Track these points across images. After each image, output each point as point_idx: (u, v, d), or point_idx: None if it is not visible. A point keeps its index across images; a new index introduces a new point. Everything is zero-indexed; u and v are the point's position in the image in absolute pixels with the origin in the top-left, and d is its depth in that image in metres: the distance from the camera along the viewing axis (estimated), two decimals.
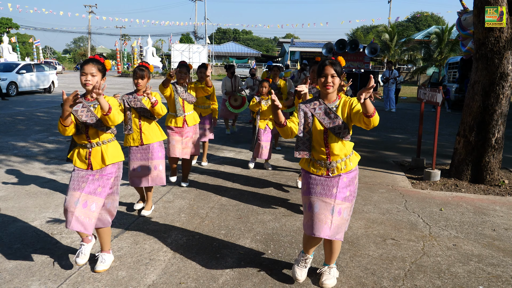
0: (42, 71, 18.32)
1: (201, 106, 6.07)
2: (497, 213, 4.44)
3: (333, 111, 2.68)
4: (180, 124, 4.82)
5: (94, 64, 2.86)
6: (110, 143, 3.02)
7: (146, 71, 3.94)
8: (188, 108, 4.87)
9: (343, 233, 2.73)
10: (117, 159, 3.03)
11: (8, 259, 3.15)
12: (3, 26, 54.28)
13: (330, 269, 2.89)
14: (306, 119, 2.73)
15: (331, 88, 2.65)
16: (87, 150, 2.96)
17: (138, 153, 4.04)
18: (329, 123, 2.67)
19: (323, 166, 2.73)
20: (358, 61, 15.26)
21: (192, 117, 4.93)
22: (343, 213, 2.69)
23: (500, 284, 2.97)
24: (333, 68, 2.62)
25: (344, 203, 2.70)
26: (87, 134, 2.93)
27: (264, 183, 5.40)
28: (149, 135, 4.01)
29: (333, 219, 2.65)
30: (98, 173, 2.95)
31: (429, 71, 29.31)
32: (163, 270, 3.04)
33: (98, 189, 2.91)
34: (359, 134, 9.20)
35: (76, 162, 2.98)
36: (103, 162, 2.95)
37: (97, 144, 2.96)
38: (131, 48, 43.70)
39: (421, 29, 54.49)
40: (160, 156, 4.09)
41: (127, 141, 4.06)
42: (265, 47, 77.38)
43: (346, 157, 2.75)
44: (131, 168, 4.06)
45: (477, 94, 5.46)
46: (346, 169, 2.74)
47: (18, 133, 8.51)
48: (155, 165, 4.05)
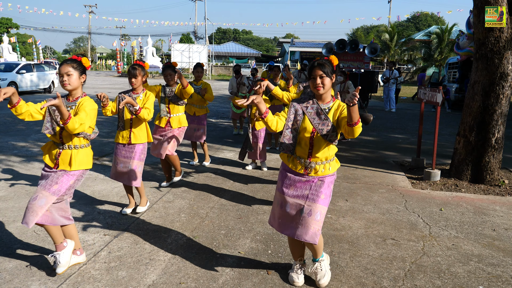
0: (42, 71, 18.34)
1: (196, 105, 6.04)
2: (497, 213, 4.44)
3: (324, 113, 2.68)
4: (162, 125, 4.88)
5: (68, 63, 2.89)
6: (82, 149, 3.01)
7: (139, 69, 3.97)
8: (175, 110, 4.90)
9: (316, 235, 2.67)
10: (83, 166, 3.02)
11: (8, 259, 3.15)
12: (3, 26, 54.27)
13: (320, 264, 2.89)
14: (296, 116, 2.73)
15: (321, 89, 2.66)
16: (58, 150, 2.96)
17: (123, 151, 4.09)
18: (319, 123, 2.67)
19: (302, 164, 2.74)
20: (358, 61, 15.23)
21: (177, 119, 4.93)
22: (314, 214, 2.67)
23: (500, 284, 2.97)
24: (321, 69, 2.61)
25: (316, 205, 2.68)
26: (61, 135, 2.93)
27: (264, 183, 5.40)
28: (138, 135, 4.05)
29: (301, 219, 2.67)
30: (61, 171, 2.96)
31: (429, 71, 29.31)
32: (163, 270, 3.04)
33: (54, 186, 2.89)
34: (359, 134, 9.19)
35: (46, 157, 2.99)
36: (70, 165, 2.95)
37: (68, 147, 2.96)
38: (131, 48, 43.77)
39: (421, 29, 54.50)
40: (141, 158, 4.13)
41: (117, 137, 4.10)
42: (265, 47, 77.35)
43: (326, 161, 2.74)
44: (115, 163, 4.12)
45: (477, 94, 5.46)
46: (324, 173, 2.73)
47: (18, 133, 8.51)
48: (135, 165, 4.07)
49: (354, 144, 8.20)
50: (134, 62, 4.09)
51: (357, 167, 6.36)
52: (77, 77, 2.92)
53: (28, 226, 2.78)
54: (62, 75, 2.87)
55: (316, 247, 2.82)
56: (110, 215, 4.13)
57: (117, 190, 4.88)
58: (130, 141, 4.03)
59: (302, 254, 2.97)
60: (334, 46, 14.48)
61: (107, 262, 3.14)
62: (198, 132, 6.06)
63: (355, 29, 63.80)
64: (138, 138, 4.05)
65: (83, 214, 4.12)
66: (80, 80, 2.96)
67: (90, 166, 3.09)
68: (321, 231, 2.74)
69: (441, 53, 27.06)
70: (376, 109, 15.22)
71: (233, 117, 9.12)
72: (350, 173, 5.96)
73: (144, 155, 4.17)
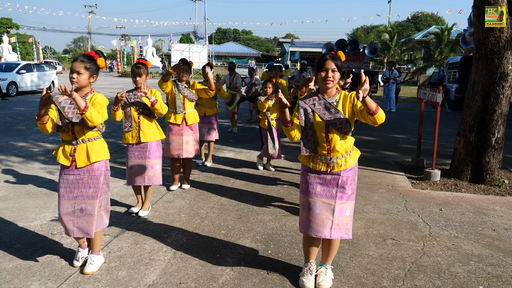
0: (42, 71, 18.34)
1: (206, 105, 6.05)
2: (497, 213, 4.44)
3: (333, 106, 2.64)
4: (179, 121, 4.79)
5: (82, 62, 2.84)
6: (96, 140, 2.98)
7: (143, 68, 3.93)
8: (188, 105, 4.85)
9: (349, 230, 2.72)
10: (102, 157, 2.98)
11: (8, 259, 3.15)
12: (3, 26, 54.29)
13: (326, 270, 2.89)
14: (307, 115, 2.68)
15: (331, 83, 2.61)
16: (72, 147, 2.92)
17: (136, 151, 4.03)
18: (330, 117, 2.62)
19: (323, 161, 2.70)
20: (358, 61, 15.26)
21: (192, 115, 4.89)
22: (345, 212, 2.69)
23: (500, 284, 2.97)
24: (334, 62, 2.58)
25: (345, 202, 2.70)
26: (73, 130, 2.89)
27: (264, 183, 5.40)
28: (147, 133, 4.00)
29: (333, 219, 2.66)
30: (86, 174, 2.92)
31: (429, 71, 29.31)
32: (163, 270, 3.04)
33: (90, 191, 2.90)
34: (359, 134, 9.20)
35: (60, 158, 2.93)
36: (88, 159, 2.91)
37: (82, 141, 2.92)
38: (131, 48, 43.76)
39: (421, 29, 54.49)
40: (157, 155, 4.09)
41: (126, 138, 4.05)
42: (265, 47, 77.32)
43: (346, 153, 2.71)
44: (129, 166, 4.07)
45: (477, 94, 5.46)
46: (346, 165, 2.70)
47: (18, 133, 8.52)
48: (152, 164, 4.04)
49: (354, 144, 8.18)
50: (135, 61, 4.07)
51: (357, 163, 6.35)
52: (86, 77, 2.87)
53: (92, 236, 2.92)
54: (73, 72, 2.82)
55: (332, 251, 2.83)
56: (110, 215, 4.11)
57: (117, 190, 4.88)
58: (140, 140, 3.97)
59: (315, 256, 2.94)
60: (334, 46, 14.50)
61: (107, 262, 3.14)
62: (210, 131, 6.10)
63: (355, 29, 63.84)
64: (148, 136, 3.99)
65: None
66: (90, 80, 2.91)
67: (108, 156, 3.06)
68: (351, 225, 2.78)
69: (441, 53, 27.06)
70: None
71: (226, 114, 9.25)
72: None
73: (160, 152, 4.12)
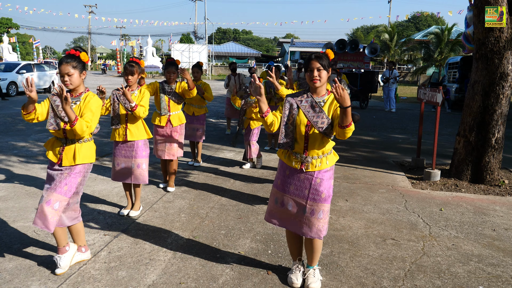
0: (42, 71, 18.34)
1: (195, 105, 6.02)
2: (497, 213, 4.44)
3: (319, 105, 2.66)
4: (163, 123, 4.80)
5: (68, 63, 2.87)
6: (86, 142, 3.02)
7: (136, 67, 3.96)
8: (174, 107, 4.85)
9: (320, 232, 2.70)
10: (87, 160, 3.02)
11: (8, 259, 3.15)
12: (3, 26, 54.26)
13: (314, 271, 2.89)
14: (291, 110, 2.72)
15: (318, 82, 2.64)
16: (62, 146, 2.96)
17: (123, 150, 4.04)
18: (313, 116, 2.65)
19: (298, 159, 2.72)
20: (358, 61, 15.24)
21: (177, 117, 4.88)
22: (317, 214, 2.68)
23: (500, 284, 2.97)
24: (319, 62, 2.61)
25: (317, 204, 2.69)
26: (64, 130, 2.93)
27: (264, 182, 5.40)
28: (134, 132, 4.01)
29: (304, 219, 2.70)
30: (67, 170, 2.95)
31: (429, 71, 29.31)
32: (163, 270, 3.04)
33: (65, 187, 2.91)
34: (359, 134, 9.20)
35: (49, 154, 2.99)
36: (74, 160, 2.95)
37: (72, 141, 2.96)
38: (131, 48, 43.74)
39: (421, 29, 54.50)
40: (144, 154, 4.09)
41: (113, 135, 4.07)
42: (265, 47, 77.34)
43: (323, 155, 2.71)
44: (115, 163, 4.08)
45: (477, 94, 5.46)
46: (321, 167, 2.70)
47: (18, 133, 8.52)
48: (139, 163, 4.04)
49: (354, 144, 8.20)
50: (129, 59, 4.09)
51: (357, 167, 6.36)
52: (78, 75, 2.93)
53: (51, 230, 2.82)
54: (63, 75, 2.87)
55: (315, 252, 2.83)
56: (110, 215, 4.13)
57: (117, 190, 4.88)
58: (126, 138, 3.99)
59: (301, 253, 2.97)
60: (334, 46, 14.48)
61: (107, 262, 3.14)
62: (198, 132, 6.05)
63: (355, 29, 63.92)
64: (134, 135, 4.00)
65: (83, 214, 4.11)
66: (81, 77, 2.96)
67: (94, 160, 3.09)
68: (326, 227, 2.75)
69: (441, 53, 27.06)
70: (376, 109, 15.22)
71: (229, 115, 9.03)
72: (350, 173, 5.96)
73: (147, 152, 4.13)
